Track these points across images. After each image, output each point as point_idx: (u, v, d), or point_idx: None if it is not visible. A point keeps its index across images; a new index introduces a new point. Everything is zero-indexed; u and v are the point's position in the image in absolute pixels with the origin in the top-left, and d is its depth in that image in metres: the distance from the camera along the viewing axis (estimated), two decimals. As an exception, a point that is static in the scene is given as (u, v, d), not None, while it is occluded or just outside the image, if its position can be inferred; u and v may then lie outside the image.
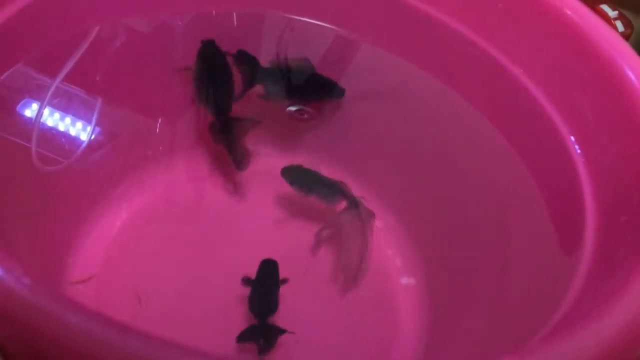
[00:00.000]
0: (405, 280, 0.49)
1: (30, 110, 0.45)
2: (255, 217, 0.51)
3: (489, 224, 0.45)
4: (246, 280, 0.45)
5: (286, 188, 0.49)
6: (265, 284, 0.45)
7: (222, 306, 0.45)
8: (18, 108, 0.44)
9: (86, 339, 0.20)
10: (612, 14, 0.65)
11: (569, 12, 0.40)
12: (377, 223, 0.49)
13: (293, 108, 0.52)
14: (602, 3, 0.63)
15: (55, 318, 0.20)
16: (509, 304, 0.39)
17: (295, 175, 0.49)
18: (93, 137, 0.49)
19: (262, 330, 0.43)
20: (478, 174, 0.47)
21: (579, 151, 0.39)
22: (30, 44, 0.42)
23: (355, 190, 0.49)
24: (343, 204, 0.49)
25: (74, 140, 0.48)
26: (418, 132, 0.51)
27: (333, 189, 0.49)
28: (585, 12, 0.40)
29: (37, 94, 0.45)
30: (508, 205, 0.44)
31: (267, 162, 0.53)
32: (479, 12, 0.45)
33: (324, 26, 0.50)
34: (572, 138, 0.40)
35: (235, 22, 0.52)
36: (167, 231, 0.50)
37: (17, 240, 0.40)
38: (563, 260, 0.36)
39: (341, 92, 0.51)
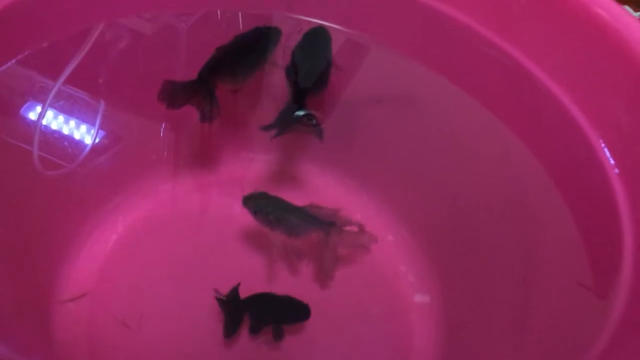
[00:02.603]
0: (419, 298, 0.47)
1: (32, 113, 0.45)
2: (259, 230, 0.49)
3: (511, 244, 0.43)
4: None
5: (294, 197, 0.47)
6: (276, 310, 0.43)
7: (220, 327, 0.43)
8: (20, 111, 0.44)
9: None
10: (635, 14, 0.63)
11: (599, 10, 0.37)
12: (389, 237, 0.47)
13: (301, 113, 0.49)
14: (624, 4, 0.61)
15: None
16: (530, 335, 0.36)
17: (259, 204, 0.44)
18: (97, 140, 0.48)
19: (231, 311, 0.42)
20: (498, 186, 0.44)
21: (612, 162, 0.36)
22: (28, 39, 0.41)
23: (366, 202, 0.47)
24: (316, 233, 0.44)
25: (77, 144, 0.47)
26: (433, 140, 0.49)
27: (303, 218, 0.43)
28: (617, 9, 0.37)
29: (39, 96, 0.45)
30: (532, 222, 0.41)
31: (274, 170, 0.52)
32: (499, 10, 0.42)
33: (333, 27, 0.48)
34: (603, 144, 0.36)
35: (241, 24, 0.50)
36: (166, 244, 0.49)
37: (4, 251, 0.38)
38: (595, 288, 0.33)
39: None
